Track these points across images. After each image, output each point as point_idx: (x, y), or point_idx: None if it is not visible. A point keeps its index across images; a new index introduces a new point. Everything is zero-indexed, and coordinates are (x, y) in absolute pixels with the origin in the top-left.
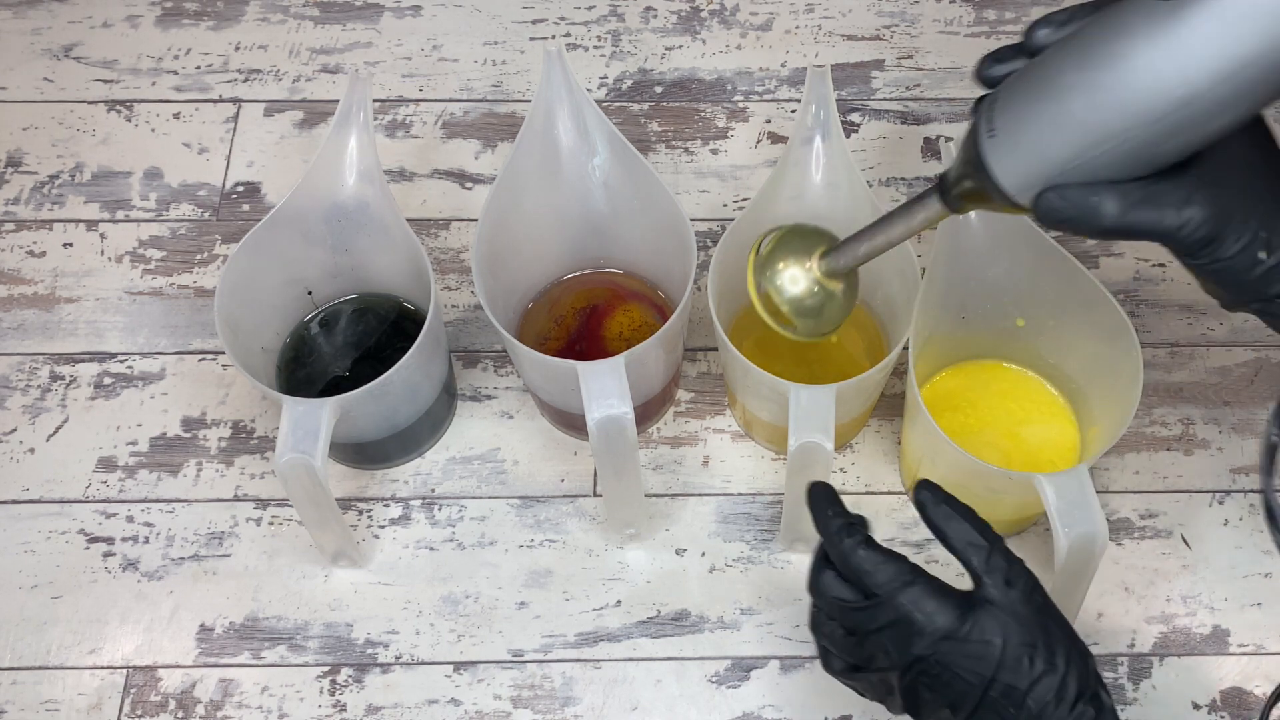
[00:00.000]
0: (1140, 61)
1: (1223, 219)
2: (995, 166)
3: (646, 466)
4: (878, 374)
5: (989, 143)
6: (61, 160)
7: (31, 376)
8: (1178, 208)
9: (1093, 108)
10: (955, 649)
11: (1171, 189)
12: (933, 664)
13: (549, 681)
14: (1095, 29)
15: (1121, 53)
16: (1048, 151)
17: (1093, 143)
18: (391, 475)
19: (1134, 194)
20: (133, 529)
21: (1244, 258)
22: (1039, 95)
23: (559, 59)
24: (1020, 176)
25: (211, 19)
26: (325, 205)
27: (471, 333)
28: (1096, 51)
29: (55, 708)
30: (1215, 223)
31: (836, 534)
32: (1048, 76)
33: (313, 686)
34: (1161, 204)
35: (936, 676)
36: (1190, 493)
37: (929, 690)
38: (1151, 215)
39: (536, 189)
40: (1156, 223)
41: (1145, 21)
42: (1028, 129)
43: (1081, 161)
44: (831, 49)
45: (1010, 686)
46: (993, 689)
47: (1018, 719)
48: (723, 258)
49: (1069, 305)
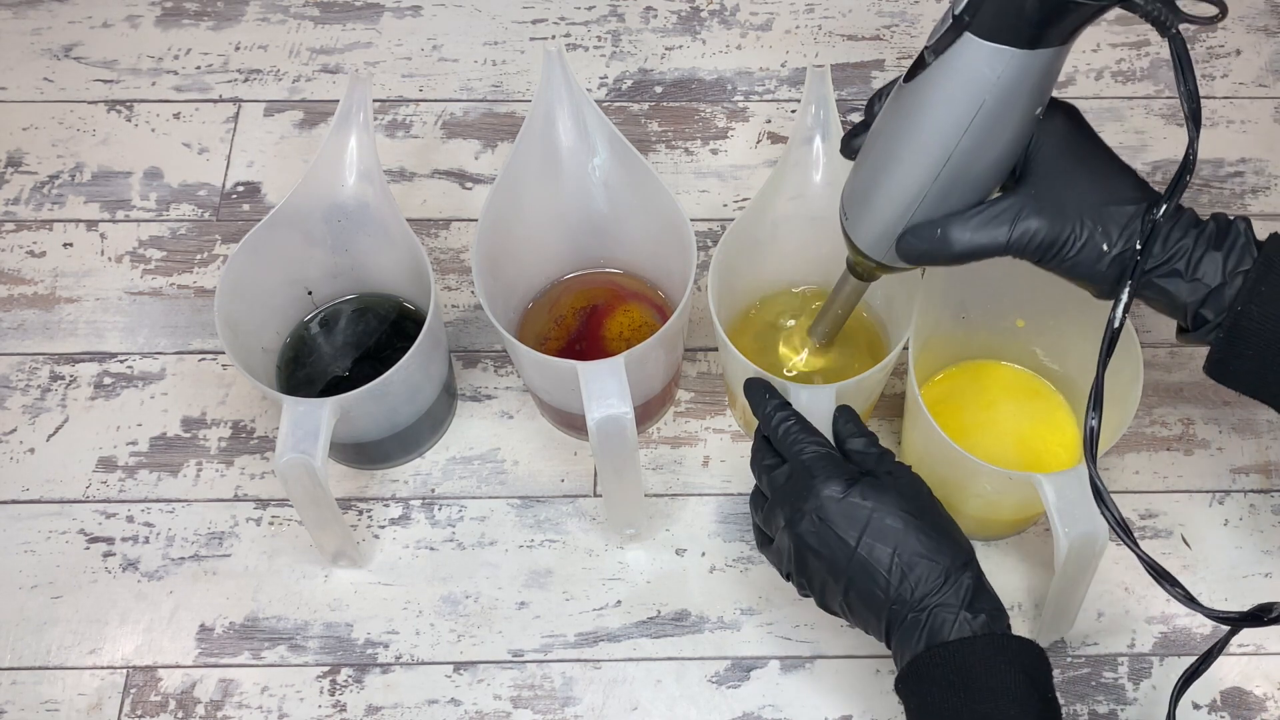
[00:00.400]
0: (907, 129)
1: (1057, 223)
2: (858, 241)
3: (646, 466)
4: (878, 374)
5: (847, 224)
6: (61, 160)
7: (31, 376)
8: (1013, 223)
9: (897, 174)
10: (835, 507)
11: (1005, 208)
12: (816, 521)
13: (549, 681)
14: (883, 114)
15: (894, 130)
16: (885, 214)
17: (911, 198)
18: (391, 475)
19: (973, 220)
20: (133, 529)
21: (1088, 252)
22: (862, 176)
23: (559, 59)
24: (876, 240)
25: (211, 19)
26: (325, 205)
27: (471, 333)
28: (884, 131)
29: (55, 708)
30: (1050, 228)
31: (771, 410)
32: (864, 158)
33: (313, 687)
34: (999, 223)
35: (818, 535)
36: (1190, 493)
37: (814, 555)
38: (993, 234)
39: (536, 189)
40: (999, 239)
41: (900, 102)
42: (864, 203)
43: (911, 214)
44: (831, 49)
45: (876, 546)
46: (861, 547)
47: (890, 583)
48: (723, 258)
49: (1069, 305)
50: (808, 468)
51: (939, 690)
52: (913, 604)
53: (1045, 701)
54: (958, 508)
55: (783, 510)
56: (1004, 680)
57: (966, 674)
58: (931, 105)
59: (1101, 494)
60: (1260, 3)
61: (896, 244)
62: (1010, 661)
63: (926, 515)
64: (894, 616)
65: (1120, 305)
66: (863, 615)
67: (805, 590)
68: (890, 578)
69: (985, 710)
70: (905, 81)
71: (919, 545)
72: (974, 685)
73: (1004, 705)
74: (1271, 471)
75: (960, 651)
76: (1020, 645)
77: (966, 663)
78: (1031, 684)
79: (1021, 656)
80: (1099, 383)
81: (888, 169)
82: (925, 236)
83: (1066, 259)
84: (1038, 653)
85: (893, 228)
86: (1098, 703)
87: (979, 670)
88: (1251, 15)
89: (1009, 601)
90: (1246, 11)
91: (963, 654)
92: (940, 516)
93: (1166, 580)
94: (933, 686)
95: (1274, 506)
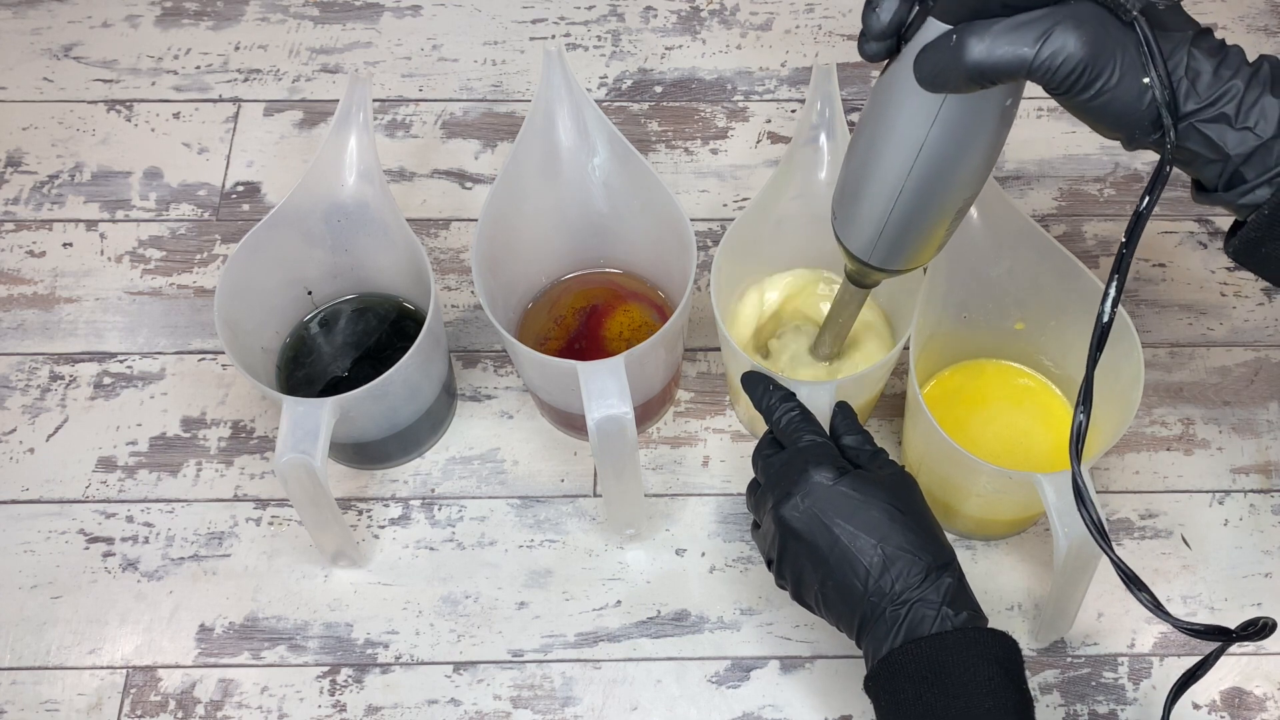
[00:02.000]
0: (881, 122)
1: (1096, 44)
2: (849, 244)
3: (646, 466)
4: (878, 370)
5: (837, 226)
6: (61, 160)
7: (31, 376)
8: (1044, 37)
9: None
10: (823, 493)
11: (1036, 18)
12: (802, 504)
13: (549, 682)
14: (863, 109)
15: (871, 124)
16: (868, 213)
17: (889, 194)
18: (391, 475)
19: (995, 26)
20: (132, 529)
21: (1128, 86)
22: (844, 175)
23: (559, 59)
24: (865, 242)
25: (211, 19)
26: (325, 205)
27: (471, 333)
28: (863, 127)
29: (55, 708)
30: (1089, 49)
31: (775, 402)
32: (846, 157)
33: (313, 687)
34: (1026, 33)
35: (803, 519)
36: (1190, 493)
37: (795, 539)
38: (1017, 47)
39: (536, 189)
40: (1023, 54)
41: (874, 94)
42: (850, 204)
43: (890, 212)
44: (832, 49)
45: (861, 536)
46: (844, 535)
47: (870, 575)
48: (723, 258)
49: (1069, 305)
50: (802, 453)
51: (912, 686)
52: (892, 597)
53: (1020, 693)
54: (958, 508)
55: (772, 493)
56: (978, 674)
57: (940, 668)
58: (901, 94)
59: (1082, 494)
60: (1260, 3)
61: (914, 65)
62: (983, 655)
63: (913, 513)
64: (870, 610)
65: (1109, 299)
66: (837, 608)
67: (782, 579)
68: (871, 570)
69: (960, 706)
70: (882, 74)
71: (903, 540)
72: (947, 679)
73: (978, 699)
74: (1271, 471)
75: (934, 646)
76: (994, 638)
77: (940, 657)
78: (1006, 676)
79: (995, 649)
80: (1089, 379)
81: (866, 165)
82: (939, 47)
83: (1102, 91)
84: (1011, 644)
85: (877, 228)
86: (1098, 703)
87: (953, 665)
88: (1251, 15)
89: (1009, 601)
90: (1246, 11)
91: (936, 648)
92: (926, 517)
93: (1136, 585)
94: (906, 682)
95: (1274, 506)
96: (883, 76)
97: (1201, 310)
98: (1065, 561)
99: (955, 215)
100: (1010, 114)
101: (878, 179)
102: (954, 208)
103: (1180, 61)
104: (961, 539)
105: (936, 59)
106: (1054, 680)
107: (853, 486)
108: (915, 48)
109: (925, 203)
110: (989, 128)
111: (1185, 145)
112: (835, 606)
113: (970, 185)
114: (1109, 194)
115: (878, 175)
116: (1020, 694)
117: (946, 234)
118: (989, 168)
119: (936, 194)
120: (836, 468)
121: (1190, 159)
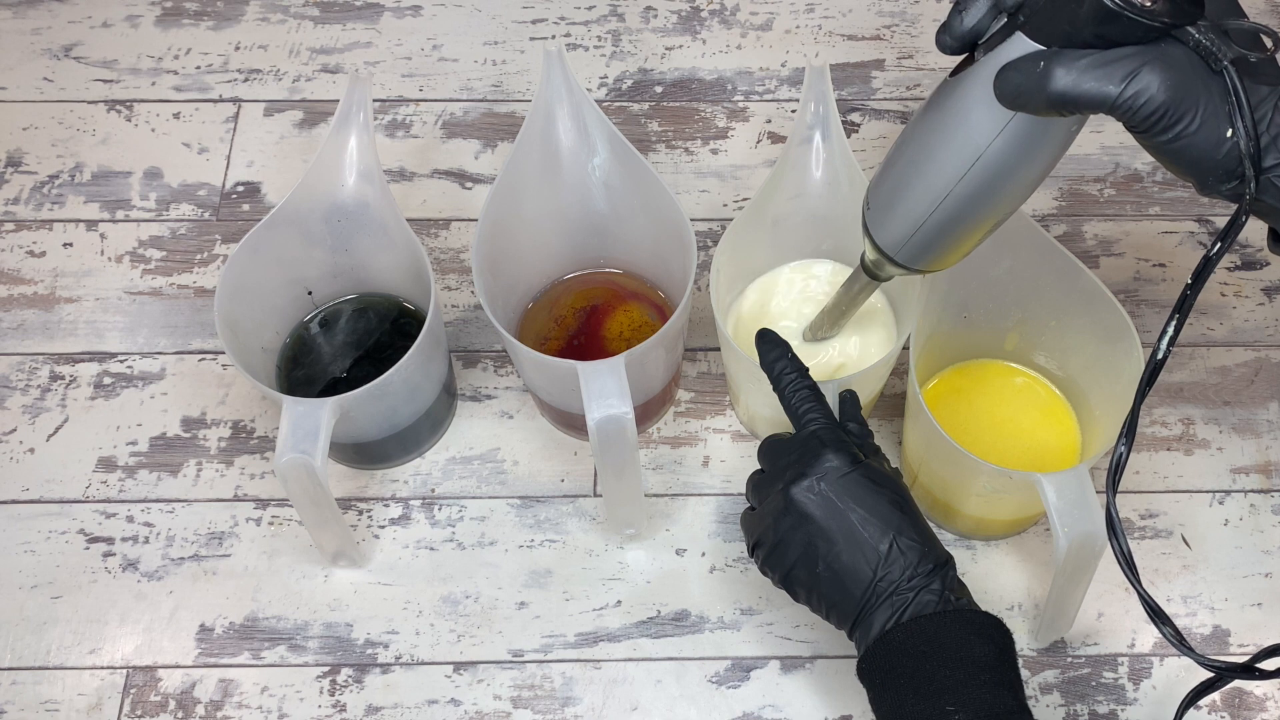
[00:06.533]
0: (944, 124)
1: (1181, 88)
2: (878, 237)
3: (646, 466)
4: (879, 368)
5: (869, 217)
6: (61, 160)
7: (31, 376)
8: (1130, 76)
9: (927, 170)
10: (839, 480)
11: (1123, 56)
12: (819, 486)
13: (549, 682)
14: (921, 108)
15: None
16: (908, 212)
17: (934, 197)
18: (391, 475)
19: (1082, 61)
20: (133, 529)
21: (1208, 133)
22: (891, 170)
23: (559, 59)
24: (897, 239)
25: (211, 19)
26: (325, 205)
27: (471, 333)
28: (920, 125)
29: (55, 708)
30: (1173, 92)
31: (785, 371)
32: (895, 151)
33: (313, 687)
34: (1113, 72)
35: (817, 501)
36: (1190, 493)
37: (804, 518)
38: (1102, 83)
39: (536, 189)
40: (1107, 91)
41: (940, 96)
42: (890, 198)
43: (931, 214)
44: (832, 49)
45: (873, 523)
46: (857, 519)
47: (880, 558)
48: (723, 258)
49: (1070, 305)
50: (819, 437)
51: (911, 660)
52: (899, 584)
53: (1015, 672)
54: (957, 508)
55: (785, 473)
56: (975, 649)
57: (939, 643)
58: (971, 101)
59: (1114, 525)
60: (1260, 3)
61: (995, 80)
62: (980, 633)
63: (915, 515)
64: (874, 595)
65: (1166, 336)
66: (833, 593)
67: (770, 562)
68: (881, 556)
69: (959, 677)
70: (951, 76)
71: (913, 533)
72: (945, 652)
73: (975, 671)
74: (1271, 471)
75: (934, 623)
76: (989, 620)
77: (940, 634)
78: (1002, 655)
79: (990, 630)
80: (1134, 412)
81: (916, 163)
82: (1025, 69)
83: (1182, 135)
84: (1006, 630)
85: (912, 227)
86: (1098, 703)
87: (951, 639)
88: (1251, 15)
89: (1009, 601)
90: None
91: (936, 625)
92: (923, 518)
93: (1161, 620)
94: (905, 657)
95: (1274, 506)
96: (953, 79)
97: (1201, 310)
98: (1065, 562)
99: (992, 227)
100: (1073, 136)
101: (926, 180)
102: (994, 220)
103: (1266, 115)
104: (961, 539)
105: (1020, 81)
106: (1054, 680)
107: (867, 475)
108: (997, 59)
109: (968, 211)
110: (1051, 149)
111: (1261, 198)
112: (832, 591)
113: (1016, 201)
114: (1109, 194)
115: (927, 176)
116: (1015, 672)
117: (976, 245)
118: (1036, 186)
119: (982, 204)
120: (851, 457)
121: (1266, 210)
